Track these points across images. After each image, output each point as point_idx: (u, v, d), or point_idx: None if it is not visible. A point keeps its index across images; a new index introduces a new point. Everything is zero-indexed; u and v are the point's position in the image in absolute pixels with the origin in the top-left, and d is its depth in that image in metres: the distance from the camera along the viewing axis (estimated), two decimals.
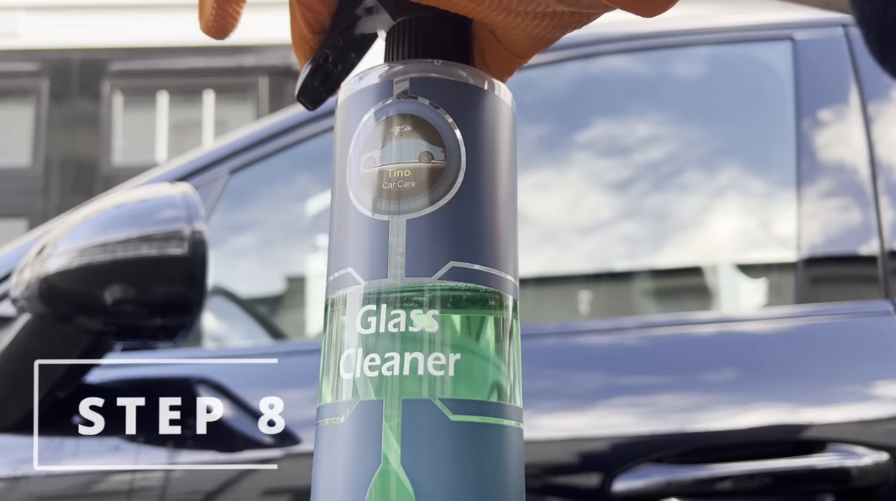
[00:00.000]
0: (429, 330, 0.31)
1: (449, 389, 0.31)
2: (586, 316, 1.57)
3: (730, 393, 0.98)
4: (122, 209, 0.92)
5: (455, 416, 0.31)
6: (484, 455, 0.31)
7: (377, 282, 0.32)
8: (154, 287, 0.89)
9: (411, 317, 0.31)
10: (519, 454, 0.33)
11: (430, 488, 0.30)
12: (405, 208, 0.32)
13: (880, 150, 1.13)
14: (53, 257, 0.88)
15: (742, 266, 1.26)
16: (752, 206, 1.23)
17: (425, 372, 0.31)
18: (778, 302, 1.13)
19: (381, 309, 0.32)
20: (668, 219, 1.29)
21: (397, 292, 0.32)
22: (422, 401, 0.31)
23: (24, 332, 0.92)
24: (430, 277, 0.32)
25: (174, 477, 0.92)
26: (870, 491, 0.91)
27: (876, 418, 0.96)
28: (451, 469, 0.30)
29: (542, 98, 1.33)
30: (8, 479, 0.92)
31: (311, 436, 0.95)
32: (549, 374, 1.01)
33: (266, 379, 1.03)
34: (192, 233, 0.89)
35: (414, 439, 0.30)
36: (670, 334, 1.07)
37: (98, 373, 0.99)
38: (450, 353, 0.31)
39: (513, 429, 0.33)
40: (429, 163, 0.33)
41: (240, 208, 1.23)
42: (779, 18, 1.29)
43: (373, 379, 0.31)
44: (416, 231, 0.32)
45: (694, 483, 0.91)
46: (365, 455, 0.31)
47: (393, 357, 0.31)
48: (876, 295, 1.05)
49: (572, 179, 1.33)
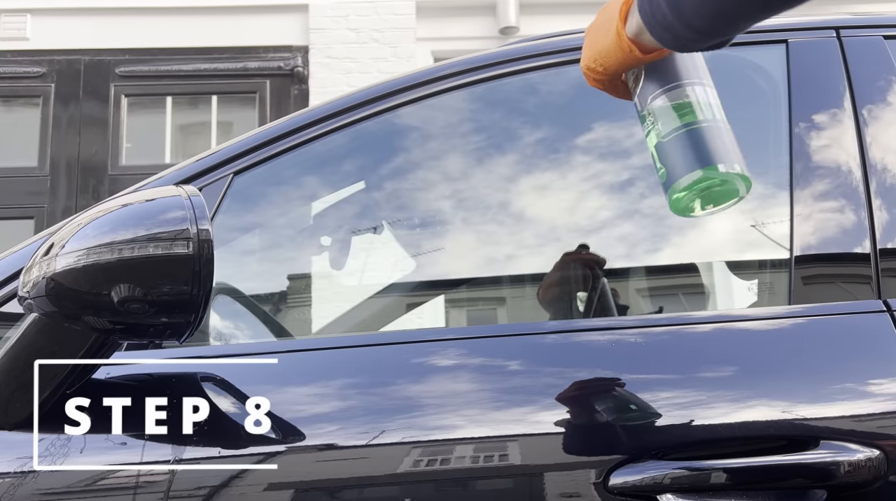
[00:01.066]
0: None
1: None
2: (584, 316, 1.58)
3: (725, 390, 0.99)
4: (129, 209, 0.93)
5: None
6: None
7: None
8: (160, 286, 0.89)
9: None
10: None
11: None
12: None
13: (873, 152, 1.14)
14: (61, 256, 0.89)
15: (736, 265, 1.27)
16: (745, 207, 1.24)
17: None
18: (772, 301, 1.14)
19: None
20: (663, 220, 1.30)
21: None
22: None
23: (31, 330, 0.93)
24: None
25: (180, 473, 0.93)
26: (862, 487, 0.92)
27: (868, 415, 0.97)
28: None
29: (540, 101, 1.34)
30: (15, 475, 0.93)
31: (311, 434, 0.96)
32: (549, 371, 1.02)
33: (268, 378, 1.04)
34: (197, 233, 0.90)
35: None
36: (667, 332, 1.08)
37: (105, 371, 1.00)
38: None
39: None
40: None
41: (243, 209, 1.24)
42: (773, 22, 1.30)
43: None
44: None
45: (689, 477, 0.92)
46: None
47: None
48: (868, 295, 1.06)
49: (570, 180, 1.34)
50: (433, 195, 1.37)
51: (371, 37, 5.21)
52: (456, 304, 1.75)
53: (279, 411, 0.99)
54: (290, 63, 5.21)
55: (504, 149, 1.36)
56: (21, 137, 5.20)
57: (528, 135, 1.36)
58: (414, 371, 1.03)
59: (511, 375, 1.03)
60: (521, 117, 1.36)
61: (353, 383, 1.03)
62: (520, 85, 1.31)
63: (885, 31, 1.25)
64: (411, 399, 1.01)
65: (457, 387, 1.02)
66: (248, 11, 5.29)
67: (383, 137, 1.31)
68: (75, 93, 5.17)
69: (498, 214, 1.37)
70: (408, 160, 1.35)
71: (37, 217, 4.97)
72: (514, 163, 1.35)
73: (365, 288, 1.78)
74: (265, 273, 1.44)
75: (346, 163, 1.33)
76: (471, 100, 1.31)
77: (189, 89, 5.32)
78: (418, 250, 1.49)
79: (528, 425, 0.96)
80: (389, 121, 1.26)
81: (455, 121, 1.33)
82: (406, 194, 1.39)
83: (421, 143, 1.34)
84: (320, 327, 1.74)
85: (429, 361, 1.04)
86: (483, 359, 1.05)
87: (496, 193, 1.36)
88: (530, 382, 1.01)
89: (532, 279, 1.50)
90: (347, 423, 0.98)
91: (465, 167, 1.35)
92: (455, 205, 1.37)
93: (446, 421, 0.98)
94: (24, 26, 5.23)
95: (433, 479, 0.93)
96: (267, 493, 0.93)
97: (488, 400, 1.00)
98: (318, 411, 1.00)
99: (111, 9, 5.22)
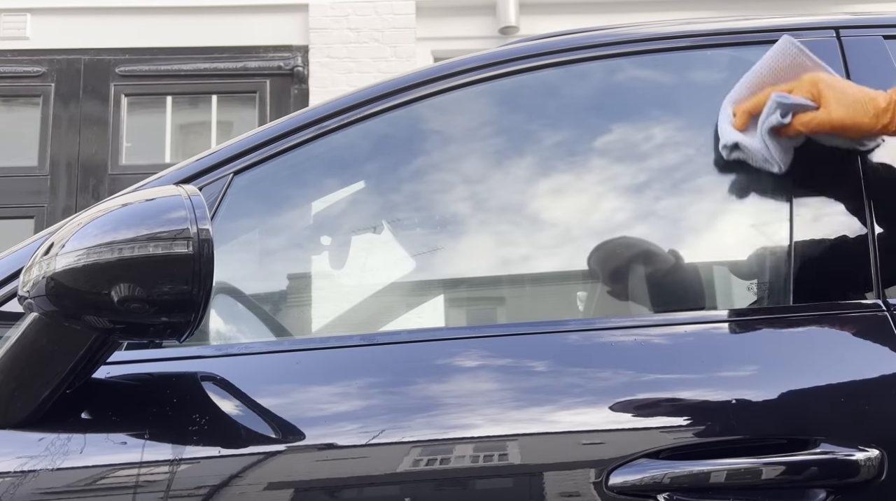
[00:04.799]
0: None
1: None
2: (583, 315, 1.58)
3: (725, 389, 0.99)
4: (129, 209, 0.93)
5: None
6: None
7: None
8: (160, 285, 0.89)
9: None
10: None
11: None
12: None
13: (872, 152, 1.14)
14: (61, 256, 0.89)
15: (736, 265, 1.27)
16: (745, 207, 1.24)
17: None
18: (771, 301, 1.14)
19: None
20: (662, 220, 1.30)
21: None
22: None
23: (31, 330, 0.93)
24: None
25: (180, 473, 0.93)
26: (862, 487, 0.92)
27: (868, 415, 0.97)
28: None
29: (539, 100, 1.34)
30: (15, 474, 0.93)
31: (311, 434, 0.96)
32: (549, 371, 1.03)
33: (269, 376, 1.04)
34: (197, 233, 0.90)
35: None
36: (666, 332, 1.08)
37: (105, 371, 1.00)
38: None
39: None
40: None
41: (243, 209, 1.24)
42: (773, 23, 1.31)
43: None
44: None
45: (689, 477, 0.92)
46: None
47: None
48: (868, 295, 1.06)
49: (570, 180, 1.34)
50: (434, 194, 1.37)
51: (371, 37, 5.21)
52: (456, 304, 1.75)
53: (279, 411, 0.99)
54: (290, 63, 5.21)
55: (505, 148, 1.36)
56: (21, 137, 5.20)
57: (528, 134, 1.36)
58: (412, 371, 1.04)
59: (509, 375, 1.03)
60: (521, 117, 1.36)
61: (352, 383, 1.03)
62: (519, 85, 1.31)
63: (884, 31, 1.26)
64: (411, 398, 1.01)
65: (456, 387, 1.02)
66: (248, 11, 5.29)
67: (383, 137, 1.31)
68: (75, 93, 5.17)
69: (498, 214, 1.37)
70: (408, 160, 1.35)
71: (37, 217, 4.97)
72: (515, 163, 1.35)
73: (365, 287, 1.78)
74: (265, 272, 1.44)
75: (346, 163, 1.33)
76: (471, 101, 1.31)
77: (189, 89, 5.32)
78: (418, 250, 1.49)
79: (527, 425, 0.96)
80: (389, 121, 1.26)
81: (455, 121, 1.33)
82: (406, 194, 1.39)
83: (421, 143, 1.34)
84: (320, 327, 1.74)
85: (427, 360, 1.04)
86: (483, 359, 1.05)
87: (497, 193, 1.35)
88: (526, 383, 1.01)
89: (532, 279, 1.49)
90: (347, 422, 0.98)
91: (465, 167, 1.35)
92: (455, 206, 1.37)
93: (446, 421, 0.98)
94: (24, 26, 5.23)
95: (431, 479, 0.93)
96: (267, 493, 0.93)
97: (488, 399, 1.00)
98: (318, 411, 1.00)
99: (111, 8, 5.22)
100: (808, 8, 4.66)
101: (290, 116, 1.27)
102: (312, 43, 5.22)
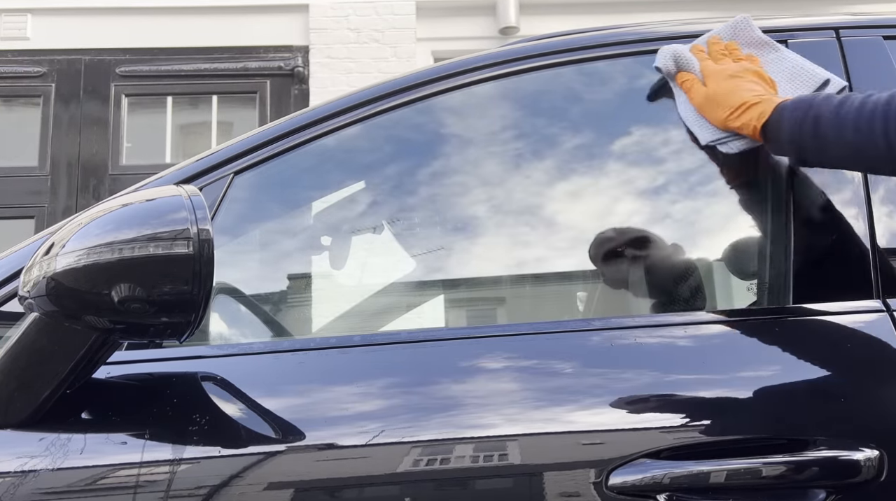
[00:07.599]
0: None
1: None
2: (581, 315, 1.58)
3: (725, 389, 0.99)
4: (129, 209, 0.93)
5: None
6: None
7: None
8: (160, 286, 0.89)
9: None
10: None
11: None
12: None
13: None
14: (61, 256, 0.89)
15: (735, 265, 1.27)
16: (745, 207, 1.24)
17: None
18: (771, 301, 1.14)
19: None
20: (662, 220, 1.30)
21: None
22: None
23: (32, 330, 0.93)
24: None
25: (180, 473, 0.93)
26: (861, 487, 0.92)
27: (868, 415, 0.97)
28: None
29: (539, 100, 1.34)
30: (15, 474, 0.93)
31: (311, 434, 0.96)
32: (547, 372, 1.03)
33: (269, 376, 1.04)
34: (197, 233, 0.90)
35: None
36: (666, 332, 1.08)
37: (105, 371, 1.00)
38: None
39: None
40: None
41: (244, 209, 1.24)
42: (773, 23, 1.31)
43: None
44: None
45: (689, 477, 0.92)
46: None
47: None
48: (868, 295, 1.06)
49: (570, 180, 1.34)
50: (435, 194, 1.37)
51: (371, 37, 5.21)
52: (456, 304, 1.75)
53: (279, 411, 0.99)
54: (290, 63, 5.21)
55: (505, 149, 1.36)
56: (21, 137, 5.20)
57: (528, 135, 1.36)
58: (412, 371, 1.04)
59: (509, 376, 1.03)
60: (522, 117, 1.36)
61: (352, 383, 1.03)
62: (520, 85, 1.31)
63: (884, 31, 1.26)
64: (411, 399, 1.01)
65: (455, 388, 1.02)
66: (248, 11, 5.29)
67: (384, 137, 1.31)
68: (75, 93, 5.17)
69: (499, 214, 1.37)
70: (408, 160, 1.35)
71: (37, 217, 4.97)
72: (516, 163, 1.36)
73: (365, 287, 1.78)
74: (265, 272, 1.44)
75: (347, 163, 1.33)
76: (471, 101, 1.31)
77: (189, 89, 5.32)
78: (418, 250, 1.49)
79: (526, 425, 0.96)
80: (390, 122, 1.27)
81: (456, 121, 1.33)
82: (407, 194, 1.39)
83: (421, 143, 1.34)
84: (320, 327, 1.74)
85: (427, 361, 1.04)
86: (482, 359, 1.05)
87: (499, 193, 1.36)
88: (525, 383, 1.01)
89: (532, 279, 1.50)
90: (347, 423, 0.98)
91: (466, 167, 1.35)
92: (455, 206, 1.37)
93: (445, 421, 0.98)
94: (25, 26, 5.23)
95: (431, 479, 0.93)
96: (267, 493, 0.93)
97: (487, 400, 1.00)
98: (318, 411, 1.00)
99: (111, 9, 5.22)
100: (808, 8, 4.67)
101: (290, 116, 1.27)
102: (313, 43, 5.22)
